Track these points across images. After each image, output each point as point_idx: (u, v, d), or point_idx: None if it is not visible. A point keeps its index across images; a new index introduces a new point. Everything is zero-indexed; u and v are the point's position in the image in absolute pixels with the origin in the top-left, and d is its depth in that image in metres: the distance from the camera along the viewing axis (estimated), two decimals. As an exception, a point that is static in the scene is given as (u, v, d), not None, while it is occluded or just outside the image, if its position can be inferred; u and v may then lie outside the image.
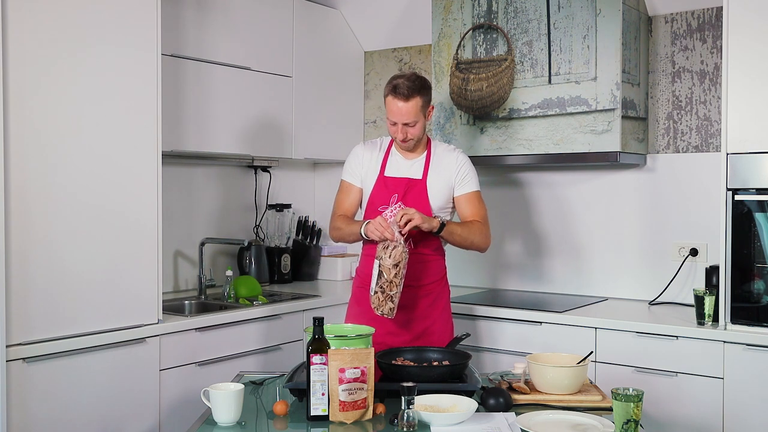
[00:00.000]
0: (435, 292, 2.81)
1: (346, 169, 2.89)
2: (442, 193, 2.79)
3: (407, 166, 2.81)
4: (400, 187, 2.77)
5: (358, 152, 2.89)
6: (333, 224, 2.87)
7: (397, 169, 2.82)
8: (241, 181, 4.12)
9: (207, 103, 3.48)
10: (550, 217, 3.79)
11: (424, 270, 2.77)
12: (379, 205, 2.76)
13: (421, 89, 2.71)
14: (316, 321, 2.11)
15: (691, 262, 3.42)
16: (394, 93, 2.69)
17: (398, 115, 2.70)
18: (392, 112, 2.71)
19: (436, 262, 2.83)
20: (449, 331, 2.84)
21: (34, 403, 2.54)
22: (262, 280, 3.93)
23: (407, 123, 2.70)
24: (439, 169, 2.80)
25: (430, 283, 2.80)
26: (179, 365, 2.99)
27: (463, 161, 2.83)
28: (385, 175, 2.81)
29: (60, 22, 2.62)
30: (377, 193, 2.80)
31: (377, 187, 2.80)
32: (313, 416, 2.06)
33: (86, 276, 2.70)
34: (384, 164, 2.83)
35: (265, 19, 3.76)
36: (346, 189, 2.89)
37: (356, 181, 2.87)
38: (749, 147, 2.82)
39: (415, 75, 2.75)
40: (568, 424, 1.99)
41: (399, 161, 2.83)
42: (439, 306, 2.82)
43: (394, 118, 2.71)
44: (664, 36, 3.51)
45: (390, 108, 2.71)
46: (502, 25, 3.51)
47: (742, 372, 2.79)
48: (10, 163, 2.47)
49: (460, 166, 2.81)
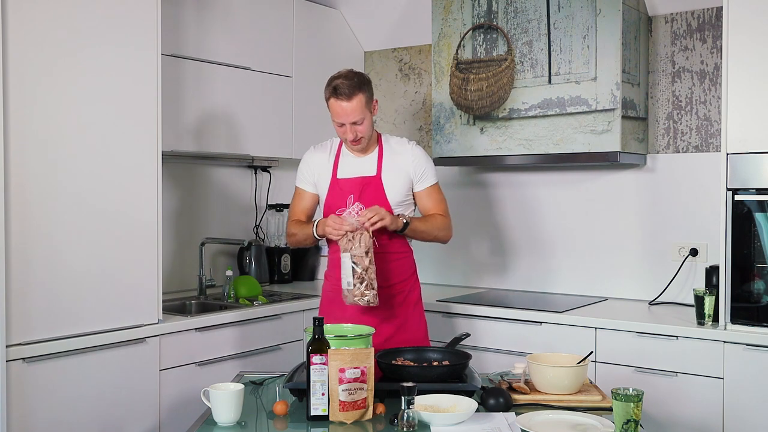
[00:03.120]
0: (405, 291, 2.80)
1: (297, 175, 2.88)
2: (400, 187, 2.76)
3: (360, 164, 2.78)
4: (355, 187, 2.74)
5: (307, 158, 2.87)
6: (288, 230, 2.87)
7: (349, 169, 2.78)
8: (241, 181, 4.12)
9: (207, 103, 3.48)
10: (550, 218, 3.79)
11: (392, 270, 2.75)
12: (336, 208, 2.74)
13: (361, 86, 2.67)
14: (316, 321, 2.11)
15: (691, 262, 3.42)
16: (335, 95, 2.65)
17: (344, 115, 2.66)
18: (337, 114, 2.67)
19: (404, 260, 2.81)
20: (423, 326, 2.84)
21: (34, 403, 2.54)
22: (262, 280, 3.93)
23: (355, 122, 2.67)
24: (394, 163, 2.77)
25: (399, 282, 2.78)
26: (179, 365, 2.99)
27: (418, 155, 2.80)
28: (338, 177, 2.78)
29: (60, 22, 2.62)
30: (332, 197, 2.77)
31: (331, 191, 2.78)
32: (313, 416, 2.06)
33: (86, 276, 2.70)
34: (335, 166, 2.80)
35: (265, 19, 3.76)
36: (299, 195, 2.88)
37: (309, 187, 2.85)
38: (749, 147, 2.82)
39: (353, 72, 2.72)
40: (568, 424, 1.99)
41: (351, 161, 2.80)
42: (410, 303, 2.81)
43: (340, 120, 2.67)
44: (664, 36, 3.51)
45: (334, 110, 2.67)
46: (502, 25, 3.51)
47: (742, 372, 2.79)
48: (10, 163, 2.47)
49: (416, 161, 2.79)
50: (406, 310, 2.79)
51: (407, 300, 2.81)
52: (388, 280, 2.74)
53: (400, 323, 2.76)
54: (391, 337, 2.71)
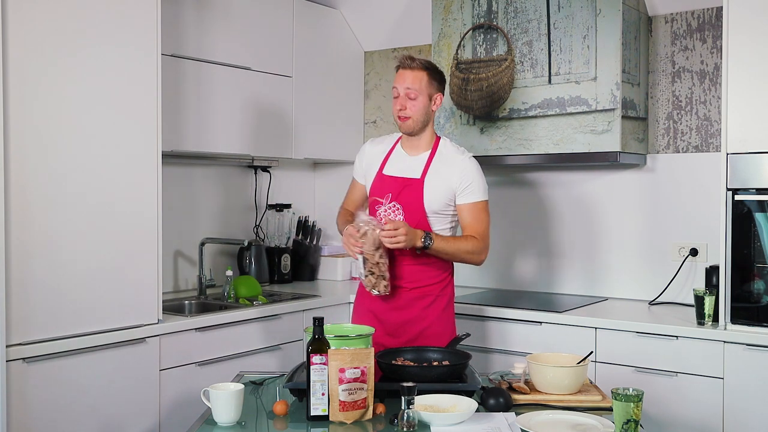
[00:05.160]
0: (432, 295, 2.74)
1: (354, 165, 2.94)
2: (440, 196, 2.68)
3: (408, 164, 2.74)
4: (396, 186, 2.70)
5: (363, 149, 2.91)
6: (337, 219, 2.95)
7: (397, 166, 2.75)
8: (241, 181, 4.12)
9: (207, 103, 3.48)
10: (549, 218, 3.79)
11: (419, 272, 2.72)
12: (375, 204, 2.76)
13: (430, 68, 2.70)
14: (316, 321, 2.11)
15: (691, 262, 3.42)
16: (402, 63, 2.71)
17: (401, 80, 2.68)
18: (396, 80, 2.71)
19: (434, 265, 2.73)
20: (448, 334, 2.75)
21: (34, 403, 2.54)
22: (262, 280, 3.93)
23: (409, 89, 2.67)
24: (441, 170, 2.69)
25: (426, 285, 2.73)
26: (179, 365, 2.99)
27: (469, 167, 2.70)
28: (384, 172, 2.76)
29: (60, 22, 2.62)
30: (374, 191, 2.77)
31: (374, 185, 2.77)
32: (313, 416, 2.06)
33: (86, 276, 2.70)
34: (385, 161, 2.78)
35: (265, 19, 3.76)
36: (351, 184, 2.97)
37: (359, 178, 2.91)
38: (749, 147, 2.82)
39: (430, 61, 2.75)
40: (568, 424, 1.99)
41: (402, 158, 2.76)
42: (437, 308, 2.74)
43: (396, 85, 2.70)
44: (664, 36, 3.51)
45: (396, 78, 2.71)
46: (502, 25, 3.51)
47: (742, 372, 2.79)
48: (10, 163, 2.47)
49: (464, 172, 2.68)
50: (431, 314, 2.73)
51: (434, 305, 2.73)
52: (415, 282, 2.71)
53: (425, 327, 2.71)
54: (415, 338, 2.69)
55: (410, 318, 2.71)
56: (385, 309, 2.73)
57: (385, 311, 2.73)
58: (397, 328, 2.71)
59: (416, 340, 2.69)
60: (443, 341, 2.66)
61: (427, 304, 2.73)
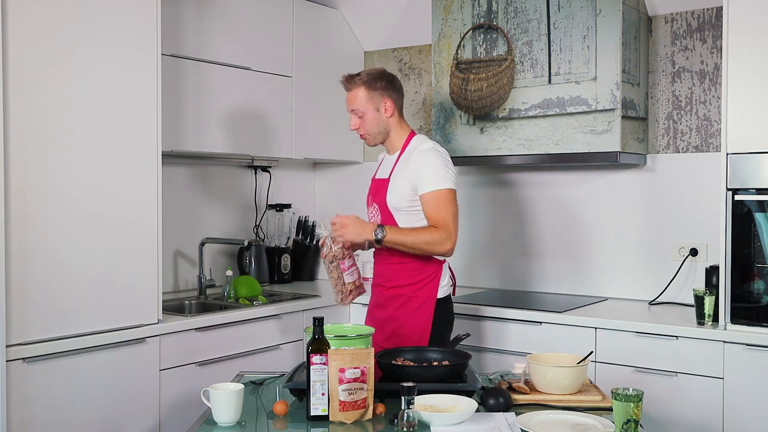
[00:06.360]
0: (405, 295, 2.73)
1: None
2: (402, 192, 2.68)
3: (385, 165, 2.85)
4: (374, 189, 2.83)
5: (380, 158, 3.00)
6: None
7: (381, 170, 2.86)
8: (241, 181, 4.12)
9: (207, 103, 3.48)
10: (549, 218, 3.79)
11: (397, 272, 2.75)
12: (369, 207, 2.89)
13: (367, 80, 2.75)
14: (316, 321, 2.11)
15: (691, 262, 3.42)
16: (342, 84, 2.82)
17: (347, 102, 2.81)
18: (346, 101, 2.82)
19: (408, 265, 2.71)
20: (419, 334, 2.70)
21: (34, 403, 2.54)
22: (262, 280, 3.93)
23: (354, 110, 2.78)
24: (405, 167, 2.70)
25: (402, 285, 2.74)
26: (179, 365, 2.99)
27: (425, 158, 2.66)
28: (374, 177, 2.89)
29: (60, 22, 2.62)
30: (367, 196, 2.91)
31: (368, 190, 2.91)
32: (313, 416, 2.06)
33: (86, 276, 2.70)
34: (378, 166, 2.91)
35: (265, 19, 3.76)
36: None
37: None
38: (749, 147, 2.82)
39: (375, 70, 2.81)
40: (568, 424, 1.99)
41: (385, 161, 2.88)
42: (409, 309, 2.72)
43: (347, 106, 2.82)
44: (664, 36, 3.51)
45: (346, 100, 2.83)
46: (502, 25, 3.51)
47: (742, 372, 2.79)
48: (9, 163, 2.47)
49: (418, 163, 2.66)
50: (403, 314, 2.74)
51: (407, 305, 2.74)
52: (389, 281, 2.78)
53: (397, 326, 2.73)
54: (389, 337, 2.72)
55: (385, 316, 2.77)
56: (371, 306, 2.89)
57: (371, 308, 2.89)
58: (379, 325, 2.74)
59: (390, 339, 2.72)
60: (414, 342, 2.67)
61: (399, 305, 2.76)
